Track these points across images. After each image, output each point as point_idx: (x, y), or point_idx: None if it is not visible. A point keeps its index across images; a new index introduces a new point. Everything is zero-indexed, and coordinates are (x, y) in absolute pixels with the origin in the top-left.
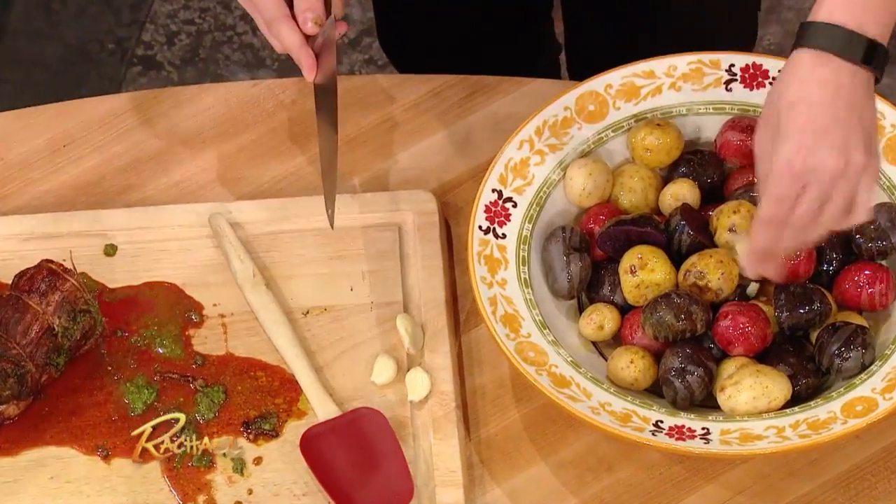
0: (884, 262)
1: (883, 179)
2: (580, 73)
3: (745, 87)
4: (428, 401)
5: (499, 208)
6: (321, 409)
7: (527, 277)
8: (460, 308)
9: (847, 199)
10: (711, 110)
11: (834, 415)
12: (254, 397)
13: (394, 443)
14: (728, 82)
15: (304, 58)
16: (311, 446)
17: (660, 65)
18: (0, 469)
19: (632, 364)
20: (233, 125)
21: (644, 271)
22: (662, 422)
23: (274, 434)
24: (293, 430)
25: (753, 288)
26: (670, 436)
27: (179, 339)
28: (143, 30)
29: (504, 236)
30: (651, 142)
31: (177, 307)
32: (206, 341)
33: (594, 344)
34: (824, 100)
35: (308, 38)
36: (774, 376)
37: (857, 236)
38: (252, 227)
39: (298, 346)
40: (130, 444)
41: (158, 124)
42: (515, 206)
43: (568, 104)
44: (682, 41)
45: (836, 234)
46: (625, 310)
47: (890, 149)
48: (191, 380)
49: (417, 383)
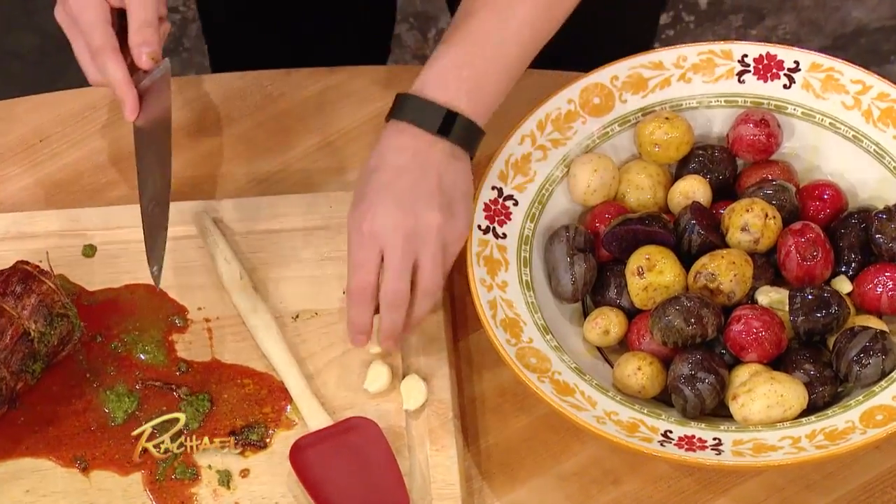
0: None
1: (873, 146)
2: None
3: (758, 78)
4: (424, 410)
5: (499, 206)
6: (312, 418)
7: (528, 280)
8: (458, 312)
9: (433, 256)
10: (723, 103)
11: (852, 424)
12: (241, 406)
13: (388, 454)
14: (741, 73)
15: (128, 97)
16: (302, 458)
17: (669, 55)
18: None
19: (639, 371)
20: (218, 119)
21: (652, 273)
22: (671, 432)
23: (262, 445)
24: (282, 441)
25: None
26: (680, 447)
27: (162, 345)
28: None
29: (504, 236)
30: (659, 136)
31: (159, 311)
32: (190, 347)
33: (599, 350)
34: (400, 164)
35: (133, 72)
36: (789, 384)
37: (878, 236)
38: (239, 227)
39: (288, 352)
40: (110, 455)
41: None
42: (516, 204)
43: (572, 97)
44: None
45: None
46: (632, 314)
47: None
48: (174, 388)
49: (413, 391)
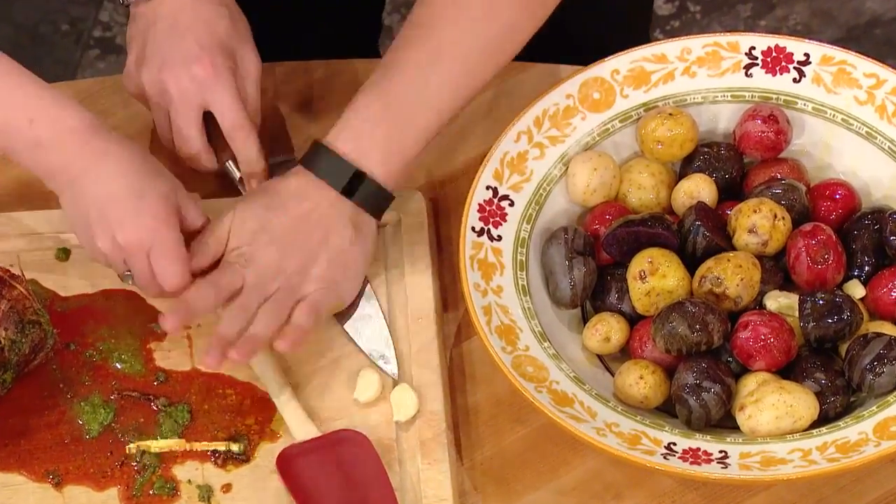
0: None
1: (888, 143)
2: None
3: (766, 72)
4: (415, 421)
5: (494, 207)
6: (298, 429)
7: (525, 284)
8: (451, 318)
9: (280, 304)
10: (730, 98)
11: (866, 436)
12: (222, 418)
13: (378, 468)
14: (748, 67)
15: (263, 176)
16: (290, 467)
17: (672, 47)
18: None
19: (641, 380)
20: None
21: (655, 277)
22: (675, 444)
23: (244, 458)
24: (266, 454)
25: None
26: (684, 459)
27: (139, 353)
28: (100, 9)
29: (500, 238)
30: (663, 133)
31: (137, 318)
32: (169, 356)
33: (600, 358)
34: (297, 214)
35: None
36: (800, 394)
37: (893, 237)
38: None
39: (271, 361)
40: (84, 469)
41: (117, 114)
42: (512, 204)
43: (570, 92)
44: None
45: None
46: (633, 320)
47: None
48: (152, 398)
49: (404, 402)
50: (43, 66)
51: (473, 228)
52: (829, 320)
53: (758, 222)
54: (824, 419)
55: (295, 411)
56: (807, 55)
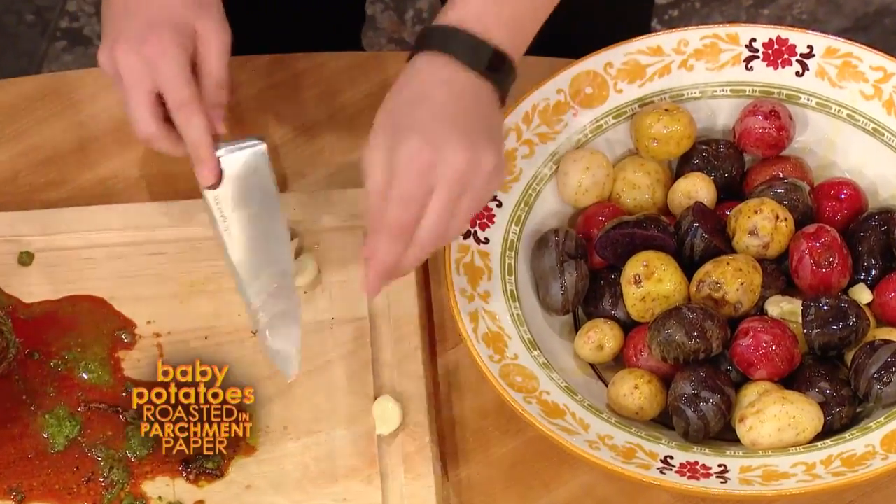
0: None
1: (893, 138)
2: None
3: (768, 65)
4: (399, 434)
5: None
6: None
7: (513, 289)
8: (436, 325)
9: (477, 202)
10: (729, 92)
11: (873, 449)
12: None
13: None
14: (748, 60)
15: (211, 159)
16: None
17: (669, 39)
18: None
19: (636, 390)
20: None
21: (650, 282)
22: (672, 458)
23: (218, 474)
24: (240, 470)
25: None
26: (681, 474)
27: (107, 363)
28: None
29: (487, 241)
30: (658, 130)
31: (104, 325)
32: (138, 365)
33: (592, 367)
34: (448, 99)
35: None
36: (803, 404)
37: None
38: (198, 232)
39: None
40: (49, 485)
41: (84, 111)
42: (500, 205)
43: (561, 86)
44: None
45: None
46: (628, 326)
47: None
48: (120, 410)
49: (386, 414)
50: (6, 58)
51: None
52: (834, 327)
53: (759, 223)
54: (829, 431)
55: None
56: (810, 47)
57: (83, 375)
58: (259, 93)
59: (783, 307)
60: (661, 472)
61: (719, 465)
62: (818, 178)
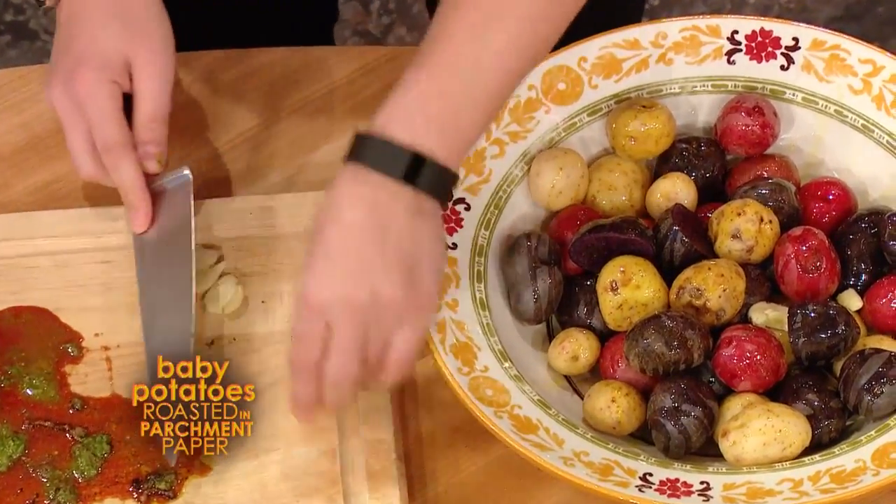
0: None
1: (886, 136)
2: None
3: (751, 58)
4: (361, 451)
5: (448, 212)
6: None
7: (483, 297)
8: None
9: (388, 336)
10: (710, 88)
11: (864, 464)
12: (146, 449)
13: None
14: (730, 53)
15: (143, 204)
16: None
17: (646, 32)
18: None
19: (613, 403)
20: None
21: (628, 288)
22: (652, 474)
23: (171, 495)
24: (194, 490)
25: None
26: (661, 492)
27: (53, 378)
28: None
29: (455, 247)
30: (636, 128)
31: (49, 338)
32: (86, 380)
33: (567, 379)
34: (355, 221)
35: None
36: (789, 417)
37: (892, 242)
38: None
39: None
40: None
41: (27, 110)
42: (468, 208)
43: (533, 82)
44: None
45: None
46: (604, 336)
47: None
48: (67, 428)
49: (225, 293)
50: None
51: None
52: (822, 335)
53: (742, 226)
54: (817, 445)
55: None
56: (795, 39)
57: (27, 391)
58: (214, 91)
59: (768, 315)
60: (639, 490)
61: (701, 483)
62: (805, 178)
